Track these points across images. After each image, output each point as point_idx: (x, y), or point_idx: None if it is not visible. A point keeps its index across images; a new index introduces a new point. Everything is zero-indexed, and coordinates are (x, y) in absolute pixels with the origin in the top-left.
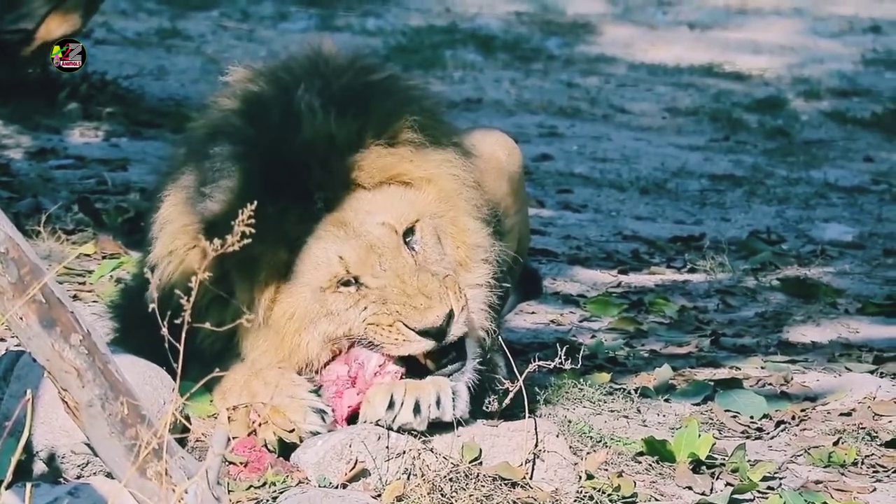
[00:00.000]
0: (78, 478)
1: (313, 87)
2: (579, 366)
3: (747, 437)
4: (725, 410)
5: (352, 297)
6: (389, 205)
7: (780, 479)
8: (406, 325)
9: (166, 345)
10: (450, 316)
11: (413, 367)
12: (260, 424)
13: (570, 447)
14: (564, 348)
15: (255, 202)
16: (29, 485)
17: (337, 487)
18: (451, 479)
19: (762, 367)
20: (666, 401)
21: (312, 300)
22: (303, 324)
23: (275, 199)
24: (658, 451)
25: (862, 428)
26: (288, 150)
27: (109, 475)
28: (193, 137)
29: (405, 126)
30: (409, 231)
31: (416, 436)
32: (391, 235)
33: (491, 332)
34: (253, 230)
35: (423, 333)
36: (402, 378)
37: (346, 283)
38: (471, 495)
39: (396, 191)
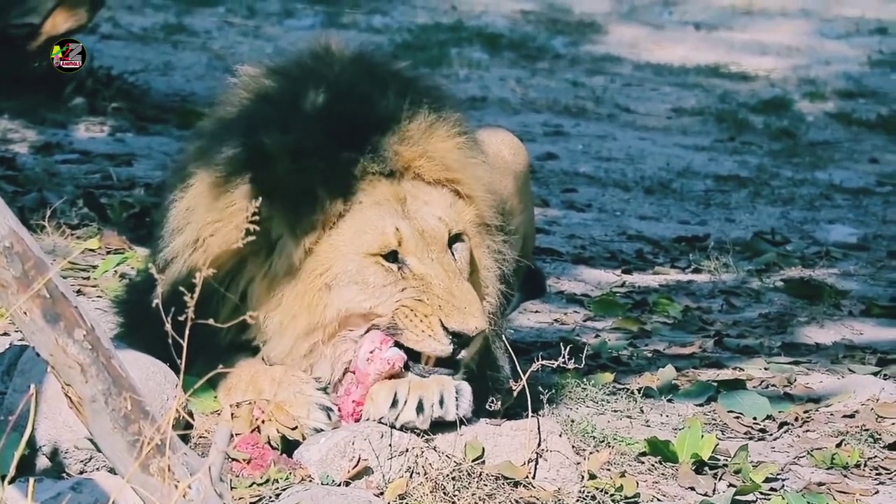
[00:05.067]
0: (81, 473)
1: (372, 74)
2: (583, 365)
3: (750, 439)
4: (728, 411)
5: (392, 275)
6: (445, 205)
7: (783, 480)
8: (442, 323)
9: (170, 340)
10: (482, 331)
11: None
12: (263, 421)
13: (573, 447)
14: (568, 348)
15: (324, 145)
16: (32, 479)
17: (340, 485)
18: (453, 478)
19: (766, 369)
20: (669, 401)
21: (351, 262)
22: (332, 281)
23: (341, 150)
24: (661, 451)
25: (865, 430)
26: (366, 113)
27: (112, 471)
28: (206, 130)
29: (462, 132)
30: (456, 238)
31: (419, 434)
32: (443, 232)
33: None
34: (317, 171)
35: (455, 336)
36: (395, 366)
37: (390, 258)
38: (473, 494)
39: (449, 196)
